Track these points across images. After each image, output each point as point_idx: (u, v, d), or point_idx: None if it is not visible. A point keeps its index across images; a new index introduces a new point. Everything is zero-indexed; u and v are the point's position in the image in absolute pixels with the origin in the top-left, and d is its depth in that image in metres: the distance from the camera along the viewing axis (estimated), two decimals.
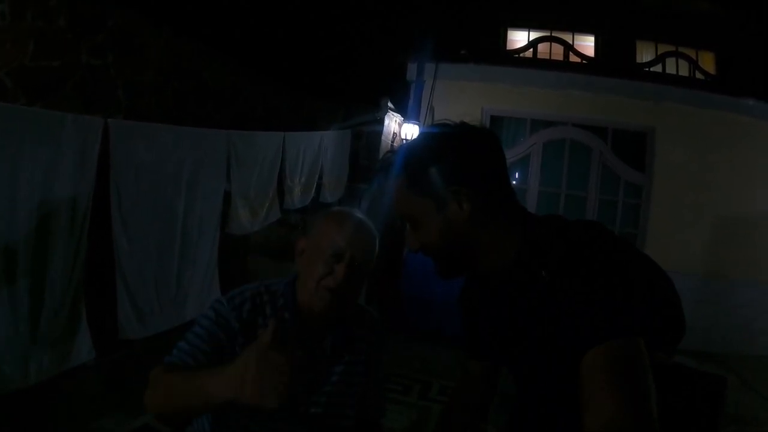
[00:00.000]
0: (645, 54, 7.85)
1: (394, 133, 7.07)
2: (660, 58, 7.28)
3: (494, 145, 1.17)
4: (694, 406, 1.72)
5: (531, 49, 7.68)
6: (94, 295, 3.56)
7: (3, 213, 2.92)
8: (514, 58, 7.57)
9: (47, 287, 3.23)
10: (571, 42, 7.75)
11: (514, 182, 7.19)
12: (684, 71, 7.47)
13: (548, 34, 7.90)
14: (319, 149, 5.95)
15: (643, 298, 1.04)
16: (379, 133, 6.76)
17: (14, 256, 3.01)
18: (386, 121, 6.56)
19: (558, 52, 7.71)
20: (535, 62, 7.44)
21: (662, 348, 1.29)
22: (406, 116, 6.97)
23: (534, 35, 8.08)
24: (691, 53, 7.40)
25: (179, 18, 4.72)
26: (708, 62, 7.71)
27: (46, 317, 3.22)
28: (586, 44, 8.10)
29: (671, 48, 7.43)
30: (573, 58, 7.44)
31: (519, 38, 8.41)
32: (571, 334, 0.98)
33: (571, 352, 0.97)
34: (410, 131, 6.60)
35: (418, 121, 6.90)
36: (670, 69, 7.42)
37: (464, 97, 7.02)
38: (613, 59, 7.69)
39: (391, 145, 6.84)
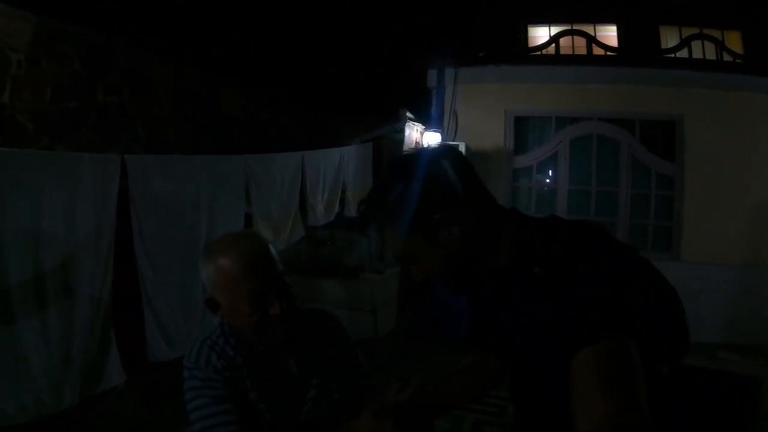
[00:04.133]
0: (669, 39, 7.59)
1: (416, 141, 7.06)
2: (685, 42, 7.00)
3: (456, 159, 1.19)
4: (726, 409, 1.67)
5: (553, 45, 7.54)
6: (124, 321, 3.70)
7: (29, 249, 3.10)
8: (535, 56, 7.47)
9: (76, 316, 3.40)
10: (593, 33, 7.58)
11: (547, 180, 7.12)
12: (710, 54, 7.18)
13: (569, 27, 7.74)
14: (340, 165, 6.00)
15: (643, 299, 1.03)
16: (401, 143, 6.78)
17: (43, 289, 3.19)
18: (407, 131, 6.57)
19: (580, 44, 7.56)
20: (556, 58, 7.31)
21: (665, 360, 1.25)
22: (428, 124, 6.96)
23: (555, 30, 7.93)
24: (717, 34, 7.11)
25: (187, 50, 4.86)
26: (735, 42, 7.38)
27: (77, 345, 3.40)
28: (609, 34, 7.91)
29: (696, 30, 7.14)
30: (596, 50, 7.28)
31: (540, 34, 8.28)
32: (566, 331, 0.99)
33: (568, 348, 0.98)
34: (432, 139, 6.59)
35: (441, 127, 6.88)
36: (696, 52, 7.16)
37: (486, 100, 6.96)
38: (636, 47, 7.47)
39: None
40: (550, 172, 7.13)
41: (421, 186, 1.13)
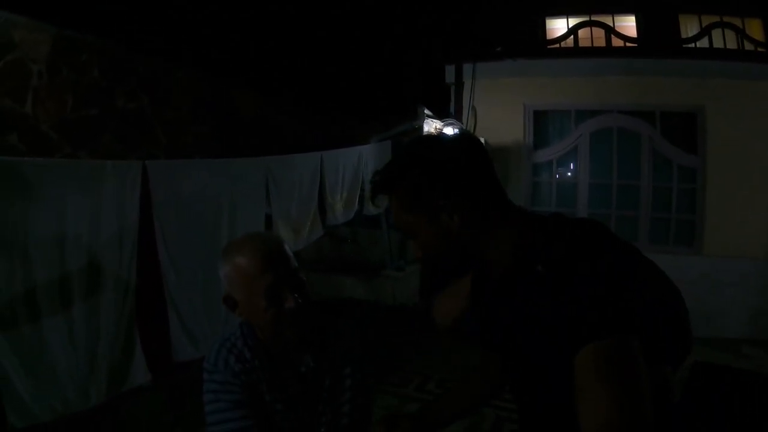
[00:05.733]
0: (689, 28, 7.45)
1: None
2: (705, 31, 6.89)
3: (475, 149, 1.21)
4: (722, 406, 1.67)
5: (571, 37, 7.47)
6: (148, 321, 3.79)
7: (56, 254, 3.20)
8: (553, 49, 7.40)
9: (102, 318, 3.49)
10: (611, 24, 7.49)
11: (568, 174, 7.06)
12: (731, 42, 7.04)
13: (587, 18, 7.65)
14: (359, 164, 6.02)
15: (643, 299, 1.04)
16: None
17: (69, 292, 3.29)
18: (425, 128, 6.56)
19: (599, 36, 7.47)
20: (576, 51, 7.24)
21: (666, 358, 1.26)
22: (447, 120, 6.93)
23: (573, 21, 7.85)
24: (737, 22, 6.95)
25: (202, 54, 4.92)
26: (756, 30, 7.19)
27: (102, 345, 3.49)
28: (627, 24, 7.78)
29: (716, 19, 7.01)
30: (615, 41, 7.20)
31: (558, 26, 8.19)
32: (566, 330, 1.00)
33: (568, 347, 1.00)
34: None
35: (460, 123, 6.87)
36: (717, 41, 7.01)
37: (505, 94, 6.94)
38: (656, 37, 7.34)
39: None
40: (571, 166, 7.08)
41: (434, 169, 1.16)
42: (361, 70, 7.25)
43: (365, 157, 6.14)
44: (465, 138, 1.25)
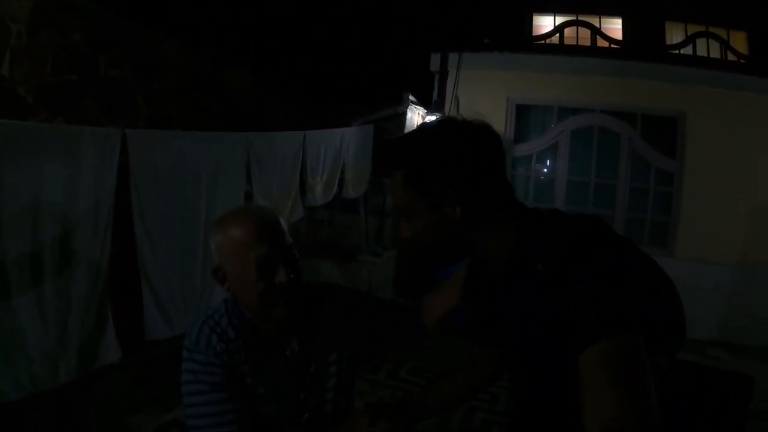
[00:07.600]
0: (674, 35, 7.58)
1: (417, 125, 7.03)
2: (690, 39, 7.01)
3: (492, 142, 1.17)
4: (720, 406, 1.69)
5: (557, 35, 7.50)
6: (122, 298, 3.69)
7: (27, 223, 3.05)
8: (539, 45, 7.42)
9: (73, 292, 3.36)
10: (598, 25, 7.55)
11: (545, 170, 7.11)
12: (715, 52, 7.18)
13: (574, 18, 7.70)
14: (341, 146, 5.96)
15: (641, 296, 1.04)
16: (402, 126, 6.75)
17: (40, 263, 3.15)
18: (409, 114, 6.54)
19: (585, 36, 7.54)
20: (561, 49, 7.27)
21: (663, 352, 1.27)
22: (431, 108, 6.91)
23: (560, 20, 7.89)
24: (722, 33, 7.10)
25: (192, 28, 4.79)
26: (740, 42, 7.38)
27: (73, 320, 3.37)
28: (614, 27, 7.88)
29: (701, 28, 7.15)
30: (600, 42, 7.26)
31: (545, 23, 8.25)
32: (564, 328, 0.99)
33: (570, 347, 0.99)
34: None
35: (443, 112, 6.85)
36: (701, 50, 7.15)
37: (489, 87, 6.92)
38: (641, 42, 7.45)
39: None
40: (549, 162, 7.13)
41: (451, 156, 1.12)
42: (350, 53, 7.18)
43: (347, 140, 6.09)
44: (486, 129, 1.17)
